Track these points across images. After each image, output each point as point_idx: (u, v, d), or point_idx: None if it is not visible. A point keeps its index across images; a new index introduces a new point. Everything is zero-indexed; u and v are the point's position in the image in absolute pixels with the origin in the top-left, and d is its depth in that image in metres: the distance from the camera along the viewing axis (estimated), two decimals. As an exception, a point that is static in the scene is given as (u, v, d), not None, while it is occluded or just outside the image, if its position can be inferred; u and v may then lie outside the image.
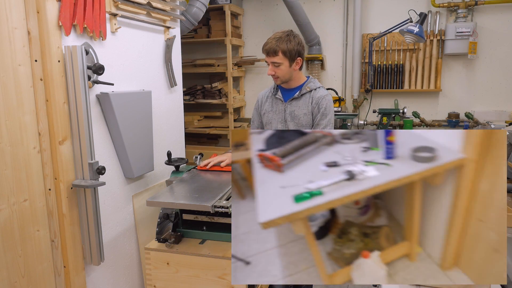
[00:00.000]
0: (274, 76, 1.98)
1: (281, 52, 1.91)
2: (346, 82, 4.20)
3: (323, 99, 2.02)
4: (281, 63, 1.93)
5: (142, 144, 2.19)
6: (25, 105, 1.60)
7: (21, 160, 1.60)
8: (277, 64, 1.94)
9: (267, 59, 1.95)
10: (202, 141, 4.38)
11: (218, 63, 4.06)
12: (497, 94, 3.78)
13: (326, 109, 2.01)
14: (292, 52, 1.92)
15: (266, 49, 1.93)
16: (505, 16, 3.65)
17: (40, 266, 1.71)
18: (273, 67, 1.96)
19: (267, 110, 2.14)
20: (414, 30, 3.20)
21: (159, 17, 2.34)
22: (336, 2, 4.09)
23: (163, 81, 2.49)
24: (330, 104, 2.03)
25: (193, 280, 1.77)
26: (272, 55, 1.92)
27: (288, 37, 1.92)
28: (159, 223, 1.84)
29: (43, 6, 1.58)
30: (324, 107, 2.01)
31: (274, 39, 1.93)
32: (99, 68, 1.76)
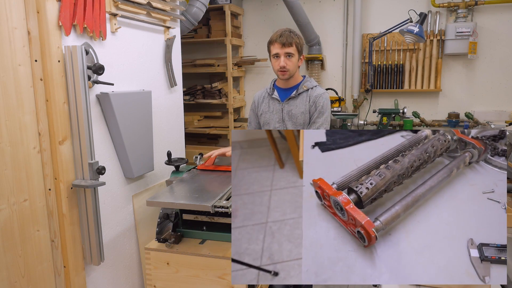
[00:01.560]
0: (284, 69, 1.97)
1: (294, 44, 1.95)
2: (346, 82, 4.20)
3: (320, 97, 2.03)
4: (293, 54, 1.96)
5: (142, 144, 2.19)
6: (25, 105, 1.60)
7: (21, 160, 1.60)
8: (291, 55, 1.95)
9: (281, 50, 1.94)
10: (202, 141, 4.38)
11: (218, 63, 4.06)
12: (497, 94, 3.78)
13: (323, 107, 2.02)
14: (301, 46, 1.99)
15: (282, 40, 1.93)
16: (505, 16, 3.65)
17: (40, 266, 1.71)
18: (286, 59, 1.96)
19: (264, 111, 2.14)
20: (414, 30, 3.19)
21: (159, 17, 2.34)
22: (336, 2, 4.09)
23: (163, 81, 2.49)
24: (327, 103, 2.04)
25: (193, 280, 1.77)
26: (288, 46, 1.93)
27: (295, 33, 1.98)
28: (159, 223, 1.84)
29: (43, 6, 1.58)
30: (321, 105, 2.02)
31: (285, 31, 1.95)
32: (99, 68, 1.76)
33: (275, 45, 1.96)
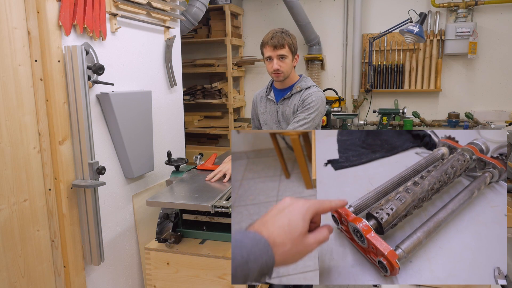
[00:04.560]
0: (278, 71, 1.92)
1: (287, 45, 1.90)
2: (346, 82, 4.20)
3: (311, 96, 1.95)
4: (286, 56, 1.91)
5: (142, 144, 2.19)
6: (25, 105, 1.60)
7: (21, 160, 1.60)
8: (283, 57, 1.91)
9: (273, 52, 1.90)
10: (202, 141, 4.38)
11: (218, 63, 4.06)
12: (497, 94, 3.78)
13: (310, 104, 1.93)
14: (294, 46, 1.95)
15: (274, 42, 1.89)
16: (505, 16, 3.65)
17: (40, 266, 1.71)
18: (279, 61, 1.91)
19: (262, 112, 2.13)
20: (414, 30, 3.20)
21: (159, 17, 2.34)
22: (336, 2, 4.09)
23: (163, 81, 2.49)
24: (317, 101, 1.94)
25: (193, 280, 1.77)
26: (280, 48, 1.89)
27: (287, 33, 1.93)
28: (159, 223, 1.84)
29: (43, 6, 1.58)
30: (308, 103, 1.93)
31: (277, 33, 1.91)
32: (99, 68, 1.76)
33: (267, 48, 1.91)
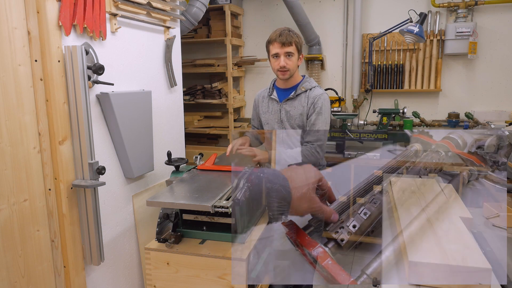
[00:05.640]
0: (285, 68, 1.95)
1: (294, 43, 1.93)
2: (346, 82, 4.20)
3: (319, 99, 1.99)
4: (293, 54, 1.94)
5: (142, 144, 2.19)
6: (25, 105, 1.60)
7: (21, 160, 1.60)
8: (290, 54, 1.93)
9: (281, 49, 1.93)
10: (202, 141, 4.38)
11: (218, 63, 4.06)
12: (497, 94, 3.78)
13: (322, 108, 1.98)
14: (300, 45, 1.98)
15: (282, 40, 1.91)
16: (505, 16, 3.65)
17: (40, 266, 1.71)
18: (286, 59, 1.94)
19: (264, 111, 2.14)
20: (414, 30, 3.19)
21: (159, 17, 2.34)
22: (336, 2, 4.09)
23: (163, 81, 2.49)
24: (326, 104, 2.00)
25: (193, 280, 1.77)
26: (288, 45, 1.92)
27: (293, 32, 1.96)
28: (159, 223, 1.84)
29: (43, 6, 1.58)
30: (319, 107, 1.98)
31: (284, 30, 1.93)
32: (99, 68, 1.76)
33: (274, 45, 1.94)
